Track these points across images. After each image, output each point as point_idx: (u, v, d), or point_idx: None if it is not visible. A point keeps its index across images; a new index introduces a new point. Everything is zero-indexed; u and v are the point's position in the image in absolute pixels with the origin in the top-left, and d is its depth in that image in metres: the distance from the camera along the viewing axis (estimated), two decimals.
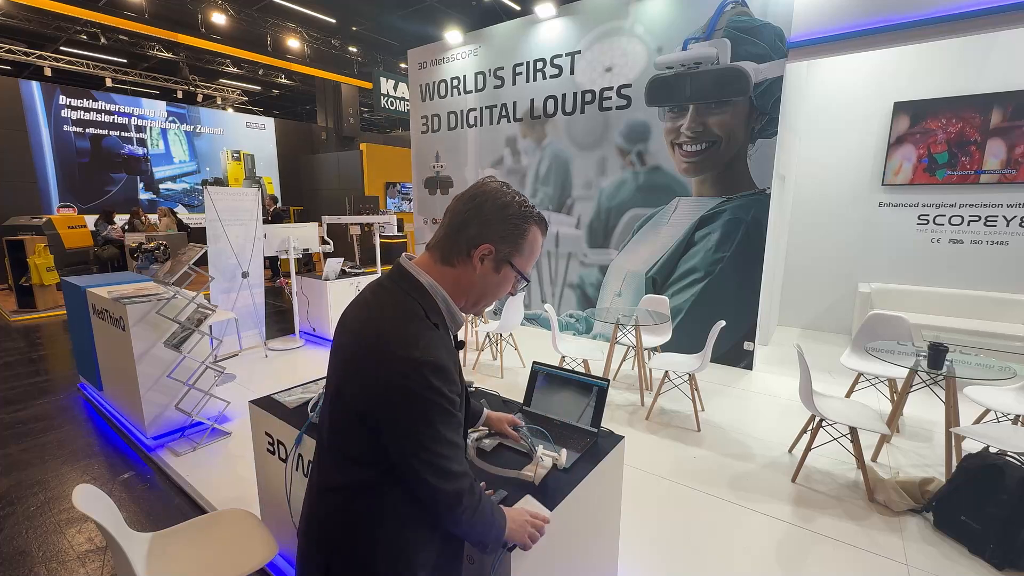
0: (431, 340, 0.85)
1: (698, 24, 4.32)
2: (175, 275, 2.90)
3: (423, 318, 0.88)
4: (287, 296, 6.63)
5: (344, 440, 0.89)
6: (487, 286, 0.94)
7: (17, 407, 3.67)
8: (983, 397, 2.85)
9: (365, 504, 0.88)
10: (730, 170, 4.31)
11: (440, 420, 0.83)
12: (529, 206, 0.94)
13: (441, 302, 0.92)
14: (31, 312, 6.68)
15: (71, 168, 10.80)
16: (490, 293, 0.96)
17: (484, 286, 0.94)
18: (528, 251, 0.95)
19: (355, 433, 0.86)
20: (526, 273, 0.96)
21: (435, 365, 0.82)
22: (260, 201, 5.02)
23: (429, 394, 0.81)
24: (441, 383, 0.82)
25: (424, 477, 0.84)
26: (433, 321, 0.89)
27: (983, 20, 3.30)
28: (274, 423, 1.75)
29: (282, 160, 14.73)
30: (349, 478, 0.88)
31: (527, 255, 0.95)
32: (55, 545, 2.22)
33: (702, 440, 3.14)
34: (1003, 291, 4.67)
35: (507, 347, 4.85)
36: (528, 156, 5.73)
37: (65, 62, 11.54)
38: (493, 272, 0.93)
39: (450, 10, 9.36)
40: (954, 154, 4.77)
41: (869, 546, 2.17)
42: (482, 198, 0.91)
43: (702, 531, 2.30)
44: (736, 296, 4.36)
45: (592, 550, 1.57)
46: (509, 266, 0.93)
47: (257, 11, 9.93)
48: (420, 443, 0.83)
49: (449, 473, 0.86)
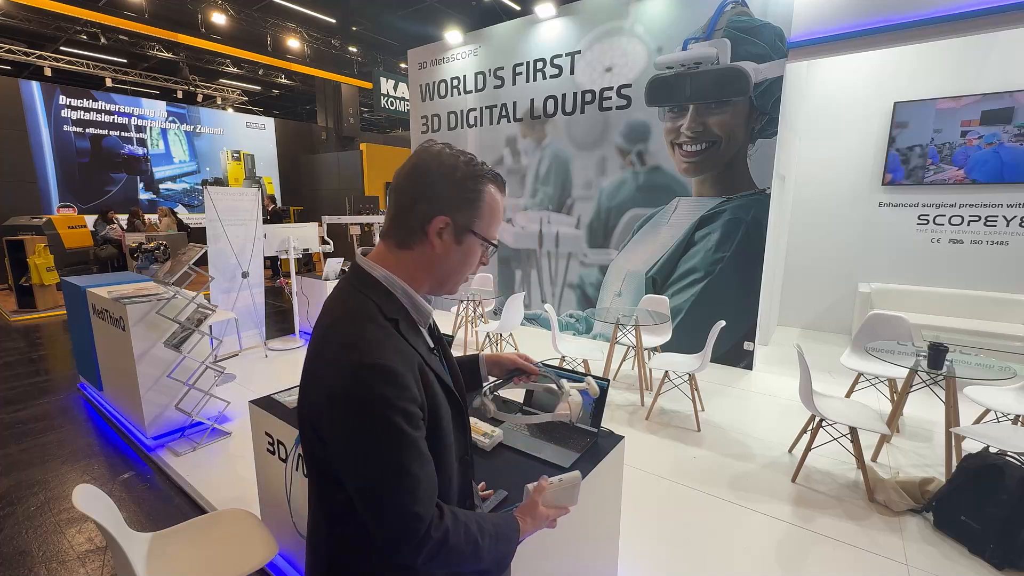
0: (377, 340, 0.74)
1: (698, 24, 4.32)
2: (175, 275, 2.90)
3: (373, 316, 0.77)
4: (287, 296, 6.63)
5: (311, 459, 0.81)
6: (451, 262, 0.83)
7: (17, 407, 3.67)
8: (983, 397, 2.85)
9: (352, 528, 0.78)
10: (730, 170, 4.31)
11: (385, 439, 0.69)
12: (478, 163, 0.82)
13: (401, 294, 0.81)
14: (31, 312, 6.68)
15: (71, 168, 10.80)
16: (456, 269, 0.85)
17: (448, 263, 0.83)
18: (489, 213, 0.83)
19: (319, 451, 0.77)
20: (491, 238, 0.85)
21: (379, 367, 0.70)
22: (260, 201, 5.02)
23: (370, 405, 0.69)
24: (387, 390, 0.69)
25: (364, 514, 0.72)
26: (390, 317, 0.78)
27: (983, 20, 3.30)
28: (274, 423, 1.75)
29: (282, 160, 14.73)
30: (330, 499, 0.80)
31: (488, 218, 0.83)
32: (55, 545, 2.22)
33: (702, 440, 3.14)
34: (1003, 291, 4.67)
35: (507, 347, 4.85)
36: (528, 156, 5.73)
37: (65, 62, 11.54)
38: (455, 245, 0.82)
39: (450, 10, 9.37)
40: (961, 154, 4.77)
41: (869, 546, 2.17)
42: (424, 167, 0.80)
43: (702, 531, 2.30)
44: (736, 296, 4.36)
45: (592, 550, 1.58)
46: (472, 235, 0.82)
47: (257, 11, 9.93)
48: (357, 469, 0.71)
49: (388, 512, 0.70)
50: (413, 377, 0.74)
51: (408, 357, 0.76)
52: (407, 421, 0.71)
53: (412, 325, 0.82)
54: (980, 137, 4.63)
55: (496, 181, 0.84)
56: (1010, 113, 4.49)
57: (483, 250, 0.86)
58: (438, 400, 0.81)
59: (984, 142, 4.62)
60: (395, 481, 0.70)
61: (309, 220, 9.73)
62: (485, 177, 0.82)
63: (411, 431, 0.71)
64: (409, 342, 0.79)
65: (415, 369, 0.76)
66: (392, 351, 0.74)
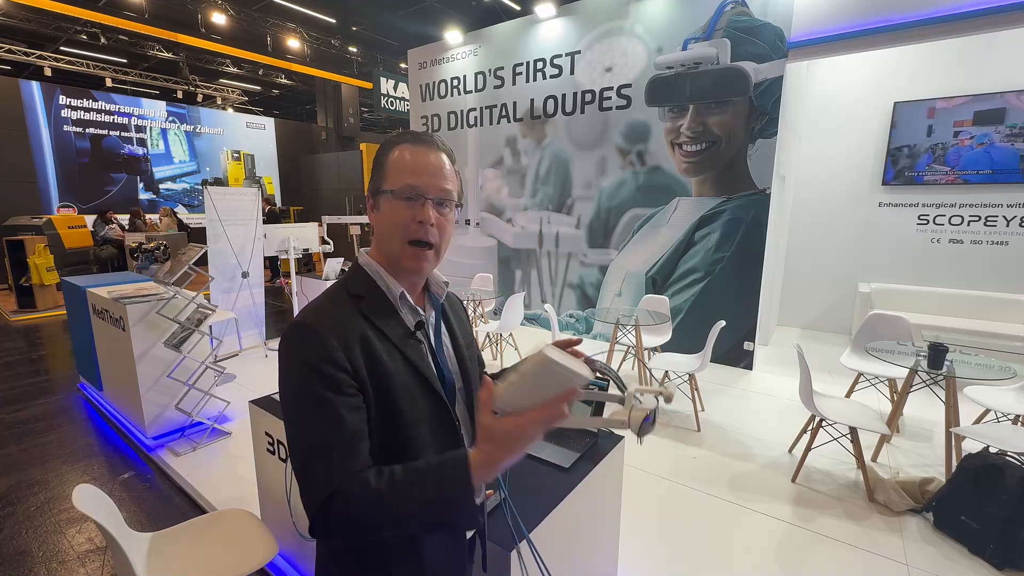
0: (318, 307, 0.79)
1: (698, 24, 4.32)
2: (175, 275, 2.91)
3: (335, 292, 0.83)
4: (287, 296, 6.64)
5: None
6: (381, 229, 0.84)
7: (17, 407, 3.67)
8: (983, 397, 2.85)
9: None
10: (730, 170, 4.31)
11: (301, 395, 0.72)
12: (399, 135, 0.85)
13: (372, 273, 0.85)
14: (31, 312, 6.68)
15: (71, 168, 10.80)
16: (385, 235, 0.83)
17: (379, 231, 0.84)
18: (394, 168, 0.82)
19: None
20: (400, 189, 0.80)
21: (300, 326, 0.75)
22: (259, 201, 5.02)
23: (288, 360, 0.74)
24: (303, 346, 0.73)
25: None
26: (352, 293, 0.82)
27: (983, 20, 3.30)
28: (274, 423, 1.75)
29: (282, 160, 14.73)
30: None
31: (394, 172, 0.81)
32: (55, 545, 2.22)
33: (702, 440, 3.14)
34: (1003, 291, 4.67)
35: (507, 347, 4.85)
36: (528, 156, 5.73)
37: (65, 62, 11.53)
38: (377, 213, 0.84)
39: (450, 10, 9.36)
40: (954, 154, 4.78)
41: (869, 546, 2.17)
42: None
43: (702, 531, 2.30)
44: (736, 296, 4.36)
45: (592, 550, 1.57)
46: (382, 195, 0.82)
47: (257, 11, 9.93)
48: (286, 428, 0.74)
49: (300, 469, 0.70)
50: (342, 344, 0.74)
51: (346, 325, 0.77)
52: (322, 381, 0.71)
53: (384, 305, 0.83)
54: (972, 137, 4.65)
55: (408, 139, 0.83)
56: (1002, 114, 4.50)
57: (408, 205, 0.80)
58: (391, 381, 0.78)
59: (976, 142, 4.64)
60: (304, 439, 0.71)
61: (309, 220, 9.74)
62: (393, 141, 0.84)
63: (327, 393, 0.71)
64: (369, 318, 0.80)
65: (351, 339, 0.75)
66: (327, 317, 0.77)
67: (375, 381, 0.76)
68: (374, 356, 0.77)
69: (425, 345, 0.86)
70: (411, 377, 0.80)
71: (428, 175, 0.81)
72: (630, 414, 0.78)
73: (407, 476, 0.68)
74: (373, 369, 0.76)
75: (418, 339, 0.84)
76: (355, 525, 0.67)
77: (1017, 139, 4.48)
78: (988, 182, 4.65)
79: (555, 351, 0.61)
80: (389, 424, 0.77)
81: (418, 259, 0.83)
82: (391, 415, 0.77)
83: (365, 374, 0.75)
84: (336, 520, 0.67)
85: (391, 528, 0.67)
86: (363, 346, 0.76)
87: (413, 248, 0.82)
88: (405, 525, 0.67)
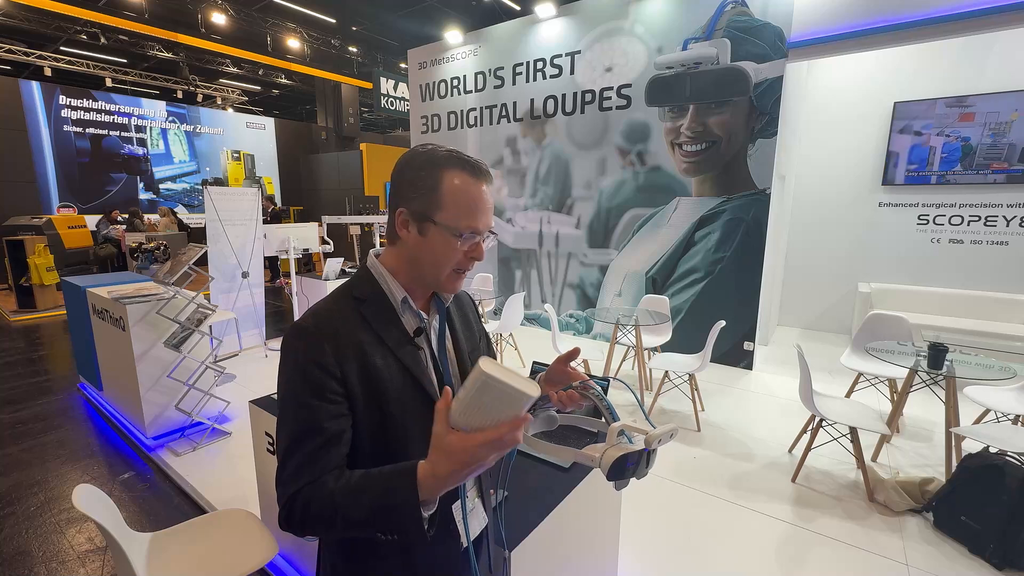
0: (319, 309, 0.80)
1: (698, 24, 4.32)
2: (175, 275, 2.91)
3: (340, 295, 0.83)
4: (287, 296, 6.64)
5: None
6: (422, 254, 0.81)
7: (17, 407, 3.67)
8: (983, 397, 2.85)
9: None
10: (730, 170, 4.31)
11: (287, 395, 0.75)
12: (441, 150, 0.79)
13: (378, 276, 0.84)
14: (31, 312, 6.68)
15: (71, 168, 10.80)
16: (429, 262, 0.81)
17: (419, 255, 0.81)
18: (451, 201, 0.77)
19: None
20: (464, 228, 0.78)
21: (302, 331, 0.76)
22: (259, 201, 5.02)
23: (285, 361, 0.76)
24: (297, 344, 0.75)
25: None
26: (356, 296, 0.81)
27: (983, 20, 3.30)
28: (274, 423, 1.74)
29: (282, 160, 14.73)
30: None
31: (451, 206, 0.77)
32: (55, 545, 2.22)
33: (702, 440, 3.14)
34: (1003, 291, 4.66)
35: (507, 347, 4.85)
36: (528, 156, 5.73)
37: (65, 62, 11.53)
38: (419, 236, 0.80)
39: (450, 10, 9.36)
40: (954, 154, 4.78)
41: (869, 546, 2.17)
42: (399, 163, 0.82)
43: (702, 531, 2.30)
44: (736, 296, 4.36)
45: (592, 550, 1.57)
46: (433, 225, 0.78)
47: (257, 11, 9.93)
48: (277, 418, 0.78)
49: (278, 466, 0.74)
50: (335, 349, 0.74)
51: (343, 329, 0.77)
52: (307, 385, 0.73)
53: (385, 310, 0.82)
54: (972, 137, 4.66)
55: (461, 165, 0.78)
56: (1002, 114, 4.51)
57: (463, 242, 0.79)
58: (384, 386, 0.77)
59: (976, 142, 4.65)
60: (287, 441, 0.74)
61: (309, 220, 9.74)
62: (441, 163, 0.78)
63: (312, 399, 0.73)
64: (368, 322, 0.79)
65: (345, 344, 0.75)
66: (326, 321, 0.77)
67: (367, 387, 0.76)
68: (368, 362, 0.77)
69: (426, 351, 0.86)
70: (405, 383, 0.80)
71: (486, 215, 0.81)
72: (603, 452, 0.71)
73: (360, 482, 0.69)
74: (365, 375, 0.76)
75: (417, 345, 0.84)
76: (310, 524, 0.70)
77: (1017, 139, 4.48)
78: (988, 182, 4.65)
79: (493, 365, 0.56)
80: (379, 429, 0.78)
81: (459, 282, 0.86)
82: (380, 420, 0.78)
83: (355, 380, 0.75)
84: (298, 518, 0.70)
85: (343, 530, 0.69)
86: (357, 352, 0.76)
87: (456, 274, 0.84)
88: (355, 529, 0.68)
